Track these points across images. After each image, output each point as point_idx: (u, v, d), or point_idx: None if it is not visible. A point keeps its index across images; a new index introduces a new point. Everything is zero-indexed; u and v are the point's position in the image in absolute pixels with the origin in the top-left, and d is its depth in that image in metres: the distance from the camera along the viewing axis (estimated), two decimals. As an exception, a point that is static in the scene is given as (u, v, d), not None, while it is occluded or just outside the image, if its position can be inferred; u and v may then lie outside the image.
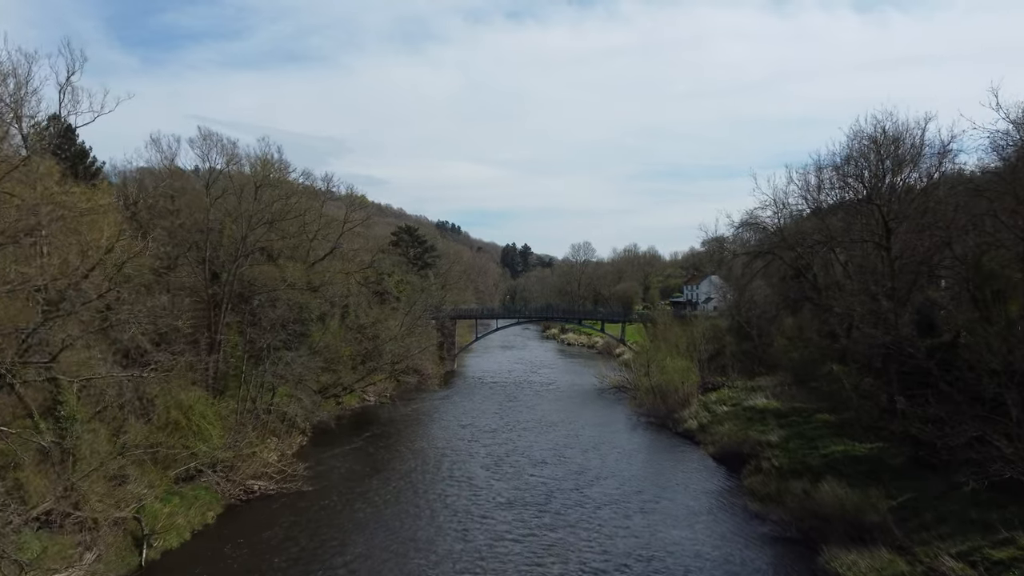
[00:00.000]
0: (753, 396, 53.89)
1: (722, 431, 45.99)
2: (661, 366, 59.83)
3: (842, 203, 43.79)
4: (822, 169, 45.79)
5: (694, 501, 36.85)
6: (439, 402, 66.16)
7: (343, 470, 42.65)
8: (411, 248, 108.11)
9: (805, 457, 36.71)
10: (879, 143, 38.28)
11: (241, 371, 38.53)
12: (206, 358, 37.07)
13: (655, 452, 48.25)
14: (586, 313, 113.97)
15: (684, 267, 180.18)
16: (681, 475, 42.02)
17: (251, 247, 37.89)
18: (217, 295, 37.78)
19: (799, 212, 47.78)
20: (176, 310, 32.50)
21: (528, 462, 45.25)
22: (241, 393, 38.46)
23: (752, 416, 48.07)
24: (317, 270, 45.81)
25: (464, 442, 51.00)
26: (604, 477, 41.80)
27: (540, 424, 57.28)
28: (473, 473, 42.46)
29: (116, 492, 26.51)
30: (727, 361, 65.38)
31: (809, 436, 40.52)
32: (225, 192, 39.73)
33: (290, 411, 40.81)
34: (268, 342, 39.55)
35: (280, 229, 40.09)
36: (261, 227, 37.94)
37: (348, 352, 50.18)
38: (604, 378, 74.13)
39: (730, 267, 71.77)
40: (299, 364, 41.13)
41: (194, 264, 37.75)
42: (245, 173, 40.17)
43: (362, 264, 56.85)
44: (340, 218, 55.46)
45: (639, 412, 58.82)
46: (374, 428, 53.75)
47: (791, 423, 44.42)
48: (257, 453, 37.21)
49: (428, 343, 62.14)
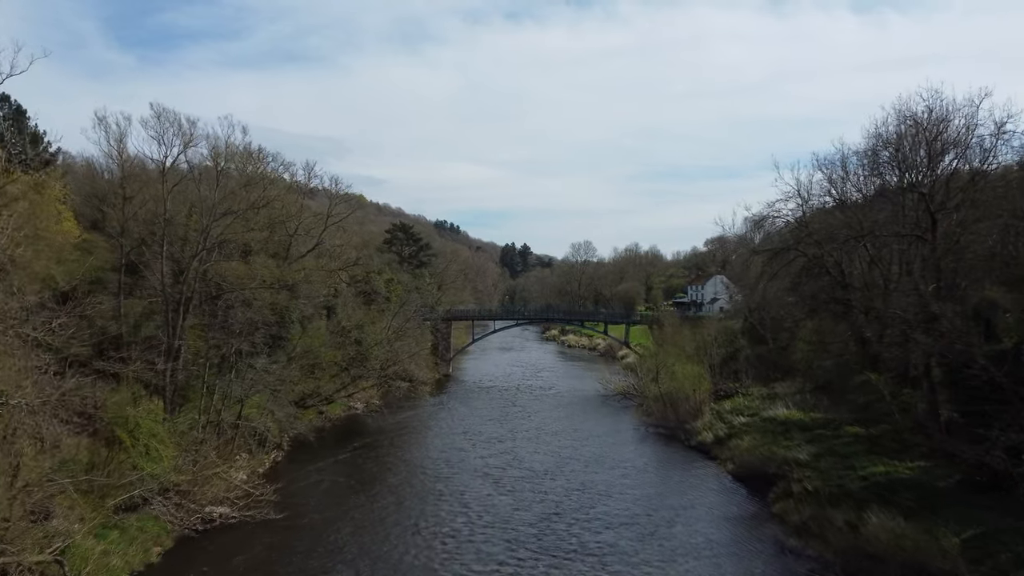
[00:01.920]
0: (772, 405, 49.54)
1: (742, 446, 41.61)
2: (670, 372, 55.44)
3: (882, 192, 39.36)
4: (852, 156, 41.50)
5: (715, 528, 32.50)
6: (432, 409, 61.86)
7: (323, 488, 38.43)
8: (406, 246, 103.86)
9: (842, 479, 32.32)
10: (924, 124, 33.90)
11: (204, 380, 34.13)
12: (164, 366, 32.69)
13: (666, 467, 43.84)
14: (588, 314, 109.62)
15: (687, 267, 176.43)
16: (697, 495, 37.65)
17: (215, 241, 33.49)
18: (177, 295, 33.39)
19: (824, 205, 43.38)
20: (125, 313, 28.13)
21: (528, 477, 41.18)
22: (203, 405, 34.06)
23: (773, 428, 43.68)
24: (295, 267, 41.32)
25: (458, 453, 46.81)
26: (611, 495, 37.68)
27: (540, 433, 53.06)
28: (467, 489, 38.62)
29: (33, 531, 22.08)
30: (740, 366, 61.07)
31: (842, 453, 36.16)
32: (184, 179, 35.35)
33: (259, 425, 36.39)
34: (236, 347, 35.14)
35: (248, 221, 35.66)
36: (226, 218, 33.50)
37: (330, 358, 45.74)
38: (608, 383, 69.72)
39: (746, 265, 67.42)
40: (272, 372, 36.76)
41: (150, 260, 33.34)
42: (206, 156, 35.68)
43: (347, 261, 52.37)
44: (324, 212, 50.90)
45: (647, 422, 54.42)
46: (360, 439, 49.41)
47: (818, 437, 40.06)
48: (220, 474, 32.77)
49: (420, 347, 57.59)
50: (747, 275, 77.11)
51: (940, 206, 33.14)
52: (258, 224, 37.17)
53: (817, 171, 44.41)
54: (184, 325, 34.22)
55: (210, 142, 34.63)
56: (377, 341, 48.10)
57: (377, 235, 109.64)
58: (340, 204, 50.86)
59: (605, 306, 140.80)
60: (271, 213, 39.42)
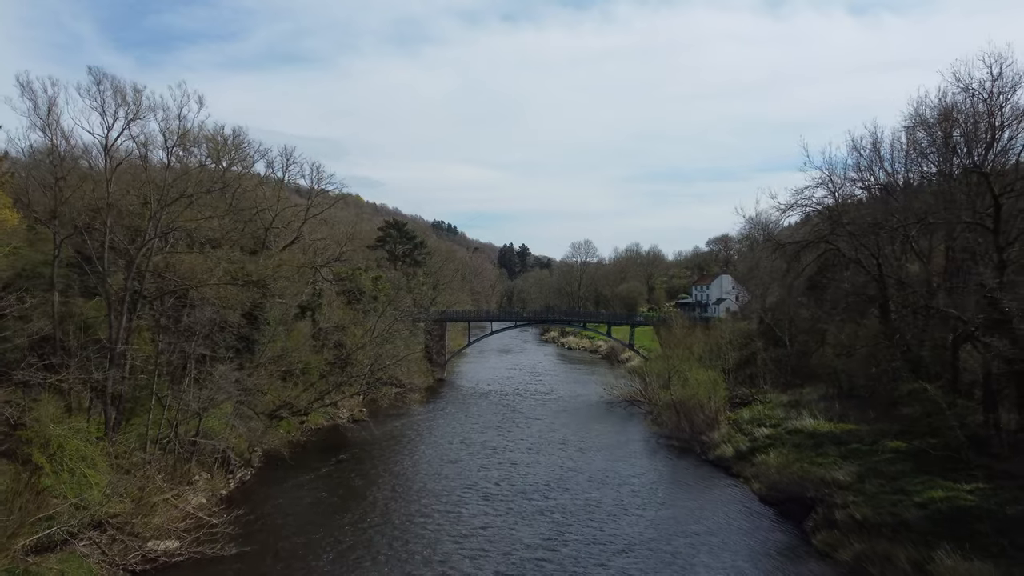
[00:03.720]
0: (795, 415, 45.01)
1: (769, 463, 36.99)
2: (683, 378, 50.83)
3: (933, 174, 34.73)
4: (892, 136, 36.90)
5: (746, 562, 27.89)
6: (426, 416, 57.24)
7: (301, 508, 33.98)
8: (399, 244, 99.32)
9: (895, 506, 27.75)
10: (985, 93, 29.32)
11: (153, 391, 29.48)
12: (105, 373, 28.04)
13: (683, 486, 39.19)
14: (590, 315, 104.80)
15: (688, 267, 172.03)
16: (720, 519, 33.01)
17: (164, 229, 28.85)
18: (122, 291, 28.74)
19: (860, 191, 38.73)
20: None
21: (528, 493, 37.07)
22: (152, 419, 29.41)
23: (801, 442, 39.11)
24: (266, 262, 36.66)
25: (453, 466, 42.45)
26: (621, 515, 33.51)
27: (542, 443, 48.57)
28: (463, 506, 34.70)
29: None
30: (757, 371, 56.55)
31: (887, 473, 31.58)
32: (129, 156, 30.70)
33: (221, 441, 31.73)
34: (194, 352, 30.49)
35: (207, 207, 31.01)
36: (180, 203, 28.83)
37: (308, 363, 41.01)
38: (613, 388, 65.09)
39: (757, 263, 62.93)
40: (238, 380, 32.11)
41: (89, 252, 28.67)
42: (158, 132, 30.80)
43: (330, 257, 47.68)
44: (304, 203, 46.22)
45: (658, 432, 49.76)
46: (346, 451, 44.80)
47: (855, 453, 35.51)
48: (171, 500, 28.12)
49: (410, 351, 52.82)
50: (759, 273, 72.74)
51: (1006, 188, 28.60)
52: (218, 211, 32.49)
53: (852, 154, 39.60)
54: (131, 327, 29.59)
55: (161, 114, 30.01)
56: (360, 345, 43.33)
57: (371, 233, 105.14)
58: (321, 195, 46.05)
59: (606, 307, 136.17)
60: (239, 199, 34.70)
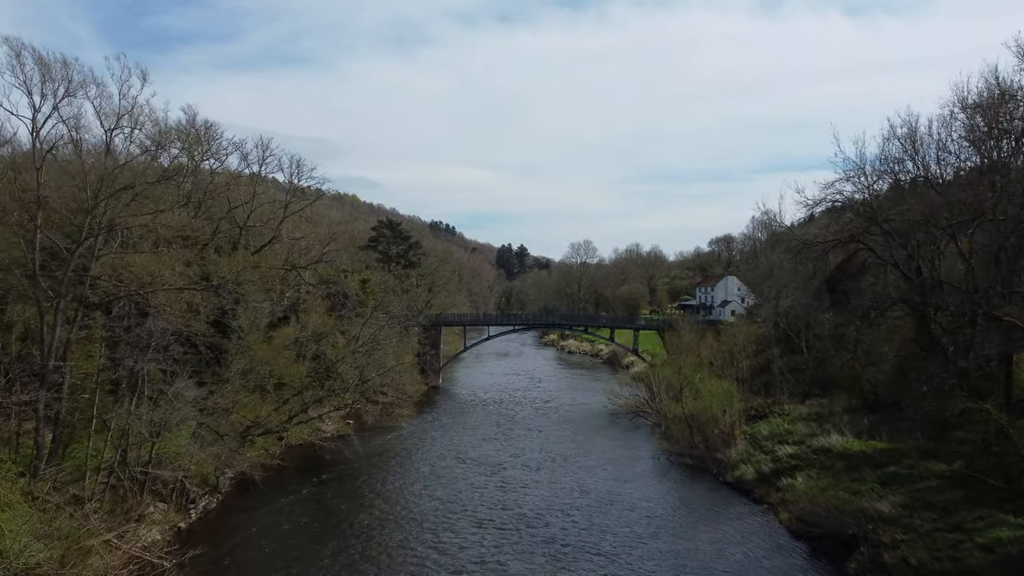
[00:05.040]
0: (820, 430, 41.09)
1: (797, 488, 33.05)
2: (695, 389, 46.89)
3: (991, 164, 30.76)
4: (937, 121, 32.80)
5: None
6: (417, 429, 53.28)
7: (271, 540, 30.19)
8: (392, 245, 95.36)
9: (954, 548, 23.80)
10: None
11: (94, 414, 25.48)
12: (34, 395, 24.06)
13: (700, 513, 35.11)
14: (592, 319, 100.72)
15: (690, 268, 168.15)
16: (747, 556, 28.91)
17: (105, 227, 24.84)
18: (54, 297, 24.76)
19: (903, 183, 34.66)
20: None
21: (527, 519, 33.48)
22: (94, 446, 25.43)
23: (832, 464, 35.18)
24: (234, 263, 32.68)
25: (446, 487, 38.75)
26: (633, 545, 29.96)
27: (541, 461, 44.80)
28: (455, 533, 31.49)
29: None
30: (774, 379, 52.60)
31: (938, 505, 27.61)
32: (60, 141, 26.68)
33: (179, 468, 27.73)
34: (144, 368, 26.50)
35: (156, 200, 27.00)
36: (125, 195, 24.84)
37: (280, 376, 36.93)
38: (617, 397, 61.10)
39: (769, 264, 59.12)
40: (194, 399, 28.14)
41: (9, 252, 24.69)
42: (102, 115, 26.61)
43: (312, 259, 43.65)
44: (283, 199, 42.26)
45: (668, 449, 45.71)
46: (327, 471, 40.78)
47: (895, 478, 31.57)
48: (112, 542, 24.16)
49: (400, 360, 48.69)
50: (771, 274, 68.82)
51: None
52: (172, 204, 28.48)
53: (888, 143, 35.50)
54: (71, 338, 25.60)
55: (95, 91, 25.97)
56: (340, 357, 39.20)
57: (365, 233, 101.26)
58: (302, 191, 42.03)
59: (607, 309, 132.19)
60: (211, 196, 30.72)
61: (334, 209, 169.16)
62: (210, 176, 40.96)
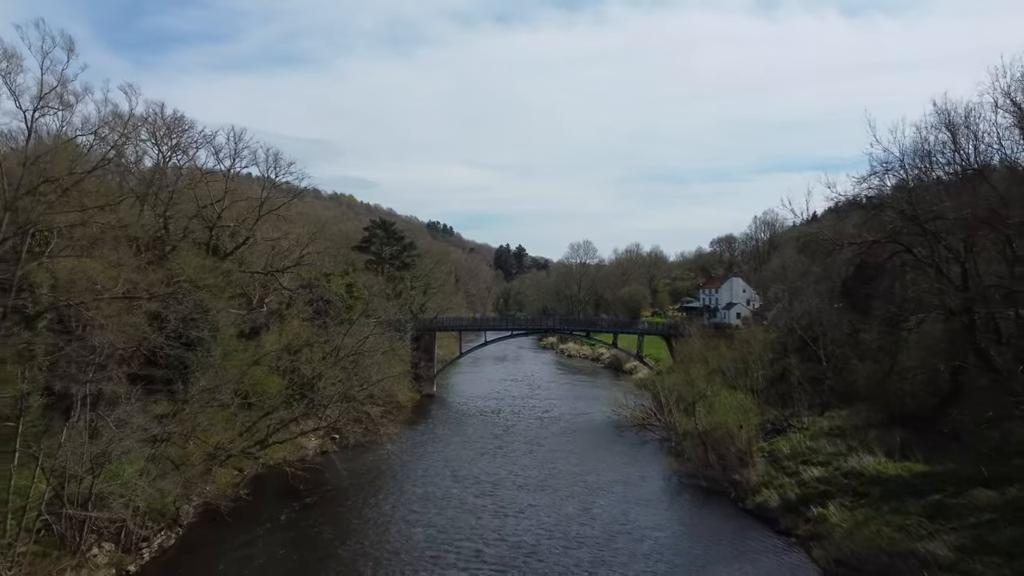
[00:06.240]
0: (846, 448, 37.50)
1: (831, 521, 29.34)
2: (709, 403, 43.15)
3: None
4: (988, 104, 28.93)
5: None
6: (409, 442, 49.60)
7: (248, 573, 26.37)
8: (386, 245, 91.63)
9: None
10: None
11: (16, 445, 21.72)
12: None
13: (719, 547, 31.23)
14: (593, 322, 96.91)
15: (691, 268, 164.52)
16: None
17: (25, 226, 21.09)
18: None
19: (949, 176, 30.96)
20: None
21: (527, 550, 30.37)
22: (17, 484, 21.67)
23: (867, 490, 31.52)
24: (186, 265, 28.94)
25: (438, 512, 35.27)
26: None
27: (542, 480, 41.44)
28: (448, 569, 28.26)
29: None
30: (791, 390, 48.90)
31: (1000, 546, 23.97)
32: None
33: (125, 503, 23.95)
34: (80, 390, 22.75)
35: (94, 196, 23.30)
36: (46, 192, 21.15)
37: (247, 395, 33.14)
38: (622, 408, 57.35)
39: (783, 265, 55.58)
40: (147, 424, 24.40)
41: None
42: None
43: (291, 261, 39.86)
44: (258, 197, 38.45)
45: (680, 470, 41.85)
46: (310, 494, 37.04)
47: (941, 509, 28.03)
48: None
49: (388, 372, 44.77)
50: (786, 275, 65.27)
51: None
52: (108, 199, 24.70)
53: (932, 132, 31.65)
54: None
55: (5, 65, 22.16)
56: (318, 373, 35.27)
57: (358, 234, 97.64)
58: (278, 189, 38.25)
59: (607, 310, 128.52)
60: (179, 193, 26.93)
61: (330, 209, 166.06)
62: (177, 172, 37.17)
